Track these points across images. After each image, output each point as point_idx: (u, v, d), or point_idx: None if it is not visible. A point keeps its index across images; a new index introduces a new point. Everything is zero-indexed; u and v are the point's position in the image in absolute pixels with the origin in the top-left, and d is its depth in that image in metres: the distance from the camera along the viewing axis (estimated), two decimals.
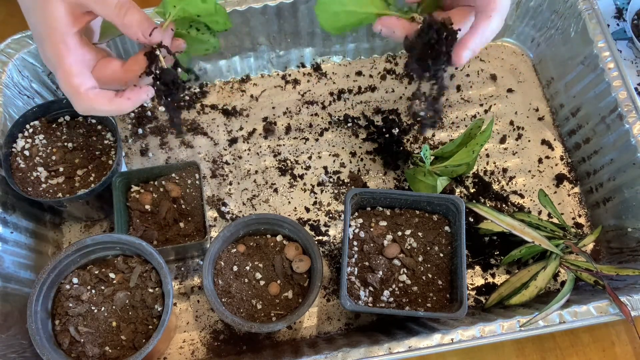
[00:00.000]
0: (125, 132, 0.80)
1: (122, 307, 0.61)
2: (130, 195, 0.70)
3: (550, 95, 0.83)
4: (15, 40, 0.73)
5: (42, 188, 0.67)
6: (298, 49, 0.83)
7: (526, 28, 0.85)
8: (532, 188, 0.77)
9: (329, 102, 0.83)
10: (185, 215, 0.69)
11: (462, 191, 0.77)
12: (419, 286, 0.64)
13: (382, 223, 0.67)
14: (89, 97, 0.53)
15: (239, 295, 0.64)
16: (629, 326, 0.69)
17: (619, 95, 0.71)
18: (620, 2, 0.90)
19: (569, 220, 0.76)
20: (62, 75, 0.52)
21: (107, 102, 0.54)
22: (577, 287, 0.68)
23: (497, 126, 0.81)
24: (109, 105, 0.54)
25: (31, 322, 0.58)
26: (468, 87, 0.84)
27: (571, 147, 0.80)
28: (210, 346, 0.68)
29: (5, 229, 0.66)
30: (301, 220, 0.75)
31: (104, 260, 0.64)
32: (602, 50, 0.74)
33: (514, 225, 0.67)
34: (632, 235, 0.71)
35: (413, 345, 0.60)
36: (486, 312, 0.67)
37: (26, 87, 0.74)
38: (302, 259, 0.65)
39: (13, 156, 0.68)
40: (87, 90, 0.53)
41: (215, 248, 0.64)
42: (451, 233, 0.67)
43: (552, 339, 0.69)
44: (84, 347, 0.59)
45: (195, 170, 0.71)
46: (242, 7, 0.75)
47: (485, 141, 0.72)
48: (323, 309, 0.70)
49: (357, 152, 0.79)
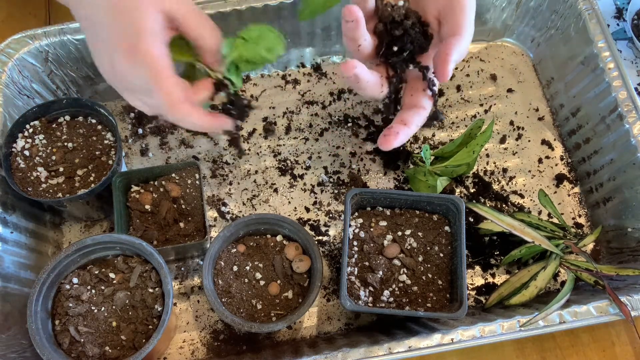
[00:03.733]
0: (125, 132, 0.80)
1: (122, 307, 0.61)
2: (130, 195, 0.70)
3: (550, 95, 0.83)
4: (15, 40, 0.73)
5: (42, 188, 0.67)
6: (298, 49, 0.83)
7: (526, 28, 0.85)
8: (532, 188, 0.77)
9: (329, 102, 0.83)
10: (185, 215, 0.69)
11: (462, 191, 0.77)
12: (419, 286, 0.64)
13: (382, 223, 0.67)
14: (187, 109, 0.51)
15: (239, 295, 0.64)
16: (629, 326, 0.69)
17: (619, 95, 0.71)
18: (620, 2, 0.90)
19: (569, 220, 0.76)
20: (160, 86, 0.49)
21: (203, 117, 0.52)
22: (577, 287, 0.68)
23: (497, 126, 0.81)
24: (203, 121, 0.53)
25: (31, 322, 0.58)
26: (468, 87, 0.84)
27: (571, 147, 0.80)
28: (210, 346, 0.68)
29: (5, 229, 0.66)
30: (301, 220, 0.75)
31: (104, 260, 0.64)
32: (602, 50, 0.74)
33: (514, 225, 0.67)
34: (632, 235, 0.71)
35: (413, 345, 0.60)
36: (486, 312, 0.67)
37: (26, 87, 0.74)
38: (302, 259, 0.65)
39: (13, 156, 0.68)
40: (184, 102, 0.51)
41: (215, 248, 0.64)
42: (451, 233, 0.67)
43: (552, 339, 0.69)
44: (84, 347, 0.59)
45: (195, 170, 0.71)
46: (242, 7, 0.75)
47: (485, 141, 0.72)
48: (323, 309, 0.70)
49: (357, 152, 0.79)
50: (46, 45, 0.74)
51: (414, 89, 0.58)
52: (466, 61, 0.86)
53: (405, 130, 0.57)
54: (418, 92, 0.58)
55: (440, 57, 0.54)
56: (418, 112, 0.58)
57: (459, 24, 0.55)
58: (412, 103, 0.58)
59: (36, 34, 0.73)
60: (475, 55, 0.86)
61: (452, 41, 0.54)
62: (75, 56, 0.76)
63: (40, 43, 0.73)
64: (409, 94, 0.59)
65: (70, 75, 0.78)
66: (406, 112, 0.58)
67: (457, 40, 0.54)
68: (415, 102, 0.58)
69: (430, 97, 0.58)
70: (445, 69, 0.54)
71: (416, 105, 0.58)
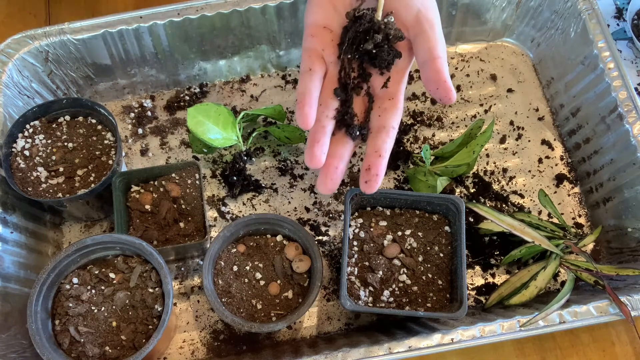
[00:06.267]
0: (125, 132, 0.80)
1: (122, 307, 0.61)
2: (130, 195, 0.70)
3: (550, 95, 0.83)
4: (15, 40, 0.73)
5: (42, 188, 0.67)
6: (298, 49, 0.83)
7: (526, 28, 0.85)
8: (532, 188, 0.77)
9: None
10: (185, 215, 0.69)
11: (462, 191, 0.77)
12: (419, 286, 0.64)
13: (382, 223, 0.67)
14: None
15: (239, 295, 0.64)
16: (629, 326, 0.69)
17: (619, 95, 0.71)
18: (620, 2, 0.90)
19: (569, 220, 0.76)
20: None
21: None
22: (577, 287, 0.68)
23: (497, 126, 0.81)
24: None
25: (31, 322, 0.58)
26: (468, 87, 0.84)
27: (571, 147, 0.80)
28: (210, 346, 0.68)
29: (5, 229, 0.66)
30: (301, 220, 0.75)
31: (104, 260, 0.64)
32: (602, 50, 0.74)
33: (514, 225, 0.67)
34: (632, 235, 0.71)
35: (413, 345, 0.60)
36: (486, 312, 0.67)
37: (26, 87, 0.74)
38: (302, 259, 0.65)
39: (13, 156, 0.68)
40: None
41: (215, 248, 0.64)
42: (451, 233, 0.67)
43: (552, 339, 0.69)
44: (84, 347, 0.59)
45: (195, 170, 0.71)
46: (242, 7, 0.75)
47: (485, 141, 0.72)
48: (323, 309, 0.70)
49: (357, 152, 0.79)
50: (46, 45, 0.74)
51: (381, 108, 0.52)
52: (466, 61, 0.86)
53: (384, 164, 0.51)
54: (386, 110, 0.52)
55: (440, 82, 0.50)
56: (389, 135, 0.51)
57: (435, 46, 0.51)
58: (381, 124, 0.52)
59: (36, 34, 0.73)
60: (475, 55, 0.86)
61: (437, 62, 0.50)
62: (75, 56, 0.76)
63: (40, 43, 0.73)
64: (377, 114, 0.52)
65: (70, 75, 0.78)
66: (378, 137, 0.51)
67: (443, 60, 0.51)
68: (383, 123, 0.52)
69: (399, 112, 0.52)
70: (450, 90, 0.50)
71: (385, 126, 0.52)
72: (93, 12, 0.88)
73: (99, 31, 0.74)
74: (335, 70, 0.53)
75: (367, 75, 0.54)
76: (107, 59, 0.77)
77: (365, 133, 0.52)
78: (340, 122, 0.52)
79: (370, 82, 0.54)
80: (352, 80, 0.53)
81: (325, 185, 0.51)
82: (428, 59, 0.50)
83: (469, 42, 0.87)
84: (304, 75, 0.52)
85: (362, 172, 0.51)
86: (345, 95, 0.53)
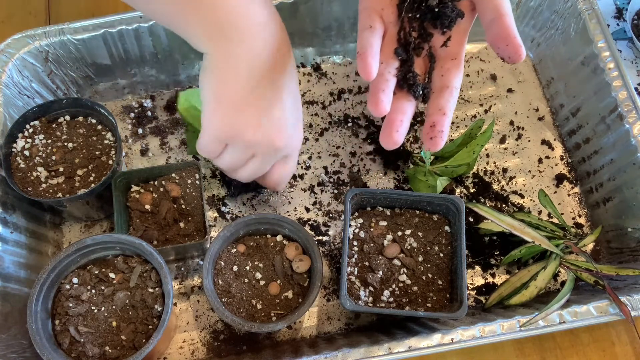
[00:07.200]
0: (125, 132, 0.80)
1: (122, 307, 0.61)
2: (130, 195, 0.70)
3: (550, 95, 0.83)
4: (15, 40, 0.73)
5: (42, 188, 0.67)
6: (298, 49, 0.83)
7: (526, 28, 0.85)
8: (532, 188, 0.77)
9: (329, 102, 0.83)
10: (185, 215, 0.69)
11: (462, 191, 0.77)
12: (419, 286, 0.64)
13: (382, 223, 0.67)
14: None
15: (239, 295, 0.64)
16: (629, 326, 0.69)
17: (619, 95, 0.71)
18: (620, 2, 0.90)
19: (569, 220, 0.76)
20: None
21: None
22: (577, 287, 0.68)
23: (497, 126, 0.81)
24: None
25: (31, 322, 0.58)
26: (468, 87, 0.84)
27: (571, 147, 0.80)
28: (210, 346, 0.68)
29: (5, 229, 0.66)
30: (301, 220, 0.75)
31: (104, 260, 0.64)
32: (602, 50, 0.74)
33: (514, 225, 0.67)
34: (632, 235, 0.71)
35: (413, 345, 0.60)
36: (486, 312, 0.67)
37: (26, 87, 0.74)
38: (302, 259, 0.65)
39: (13, 156, 0.68)
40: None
41: (215, 248, 0.64)
42: (451, 233, 0.67)
43: (552, 339, 0.69)
44: (84, 347, 0.59)
45: (195, 170, 0.71)
46: None
47: (485, 141, 0.72)
48: (323, 309, 0.70)
49: (357, 152, 0.79)
50: (46, 45, 0.74)
51: (444, 68, 0.52)
52: (466, 61, 0.86)
53: (448, 122, 0.51)
54: (449, 70, 0.52)
55: (509, 38, 0.49)
56: (452, 95, 0.51)
57: (501, 3, 0.50)
58: (444, 84, 0.52)
59: (36, 34, 0.73)
60: (475, 55, 0.86)
61: (506, 19, 0.50)
62: (75, 56, 0.76)
63: (40, 43, 0.73)
64: (439, 74, 0.53)
65: (70, 75, 0.78)
66: (440, 96, 0.52)
67: (511, 18, 0.50)
68: (447, 82, 0.52)
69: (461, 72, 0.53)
70: (519, 46, 0.49)
71: (448, 86, 0.52)
72: (93, 12, 0.88)
73: (99, 31, 0.74)
74: (395, 30, 0.53)
75: (428, 35, 0.53)
76: (107, 59, 0.77)
77: (427, 93, 0.52)
78: (403, 80, 0.52)
79: (431, 42, 0.53)
80: (414, 40, 0.52)
81: (391, 138, 0.50)
82: (496, 17, 0.50)
83: (469, 42, 0.84)
84: (364, 33, 0.51)
85: (425, 129, 0.50)
86: (407, 55, 0.52)
